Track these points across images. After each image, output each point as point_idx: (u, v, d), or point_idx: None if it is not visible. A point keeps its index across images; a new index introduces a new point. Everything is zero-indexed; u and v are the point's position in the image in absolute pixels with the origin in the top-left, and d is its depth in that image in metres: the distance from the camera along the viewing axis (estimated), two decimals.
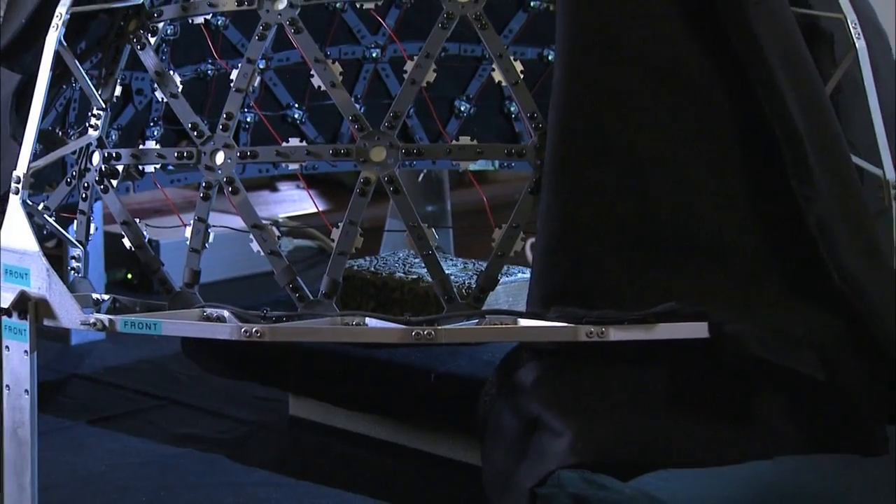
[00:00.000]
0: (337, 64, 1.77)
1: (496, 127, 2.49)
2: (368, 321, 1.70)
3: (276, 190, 3.66)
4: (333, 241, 1.74)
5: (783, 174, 1.69)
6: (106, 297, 1.81)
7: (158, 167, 1.89)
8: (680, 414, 1.66)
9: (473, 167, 1.98)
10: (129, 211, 1.82)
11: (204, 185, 1.77)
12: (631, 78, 1.70)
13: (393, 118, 1.74)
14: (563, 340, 1.66)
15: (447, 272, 1.75)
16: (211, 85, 2.31)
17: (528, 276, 1.74)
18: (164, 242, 2.61)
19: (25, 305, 1.75)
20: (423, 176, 2.55)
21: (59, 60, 1.82)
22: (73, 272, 1.88)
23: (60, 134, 1.99)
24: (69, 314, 1.74)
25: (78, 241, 1.87)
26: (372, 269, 2.16)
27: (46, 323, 1.76)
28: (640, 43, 1.71)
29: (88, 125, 1.85)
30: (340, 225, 1.73)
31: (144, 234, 1.82)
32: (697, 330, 1.64)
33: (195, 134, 1.78)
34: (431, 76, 1.75)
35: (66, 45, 1.82)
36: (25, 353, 1.75)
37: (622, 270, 1.67)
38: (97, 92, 1.85)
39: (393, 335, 1.69)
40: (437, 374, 2.06)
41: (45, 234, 1.87)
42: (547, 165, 1.69)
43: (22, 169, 1.79)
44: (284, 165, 1.86)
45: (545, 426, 1.65)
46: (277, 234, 1.76)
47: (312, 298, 1.73)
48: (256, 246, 1.75)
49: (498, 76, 1.76)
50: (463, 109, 2.46)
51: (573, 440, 1.62)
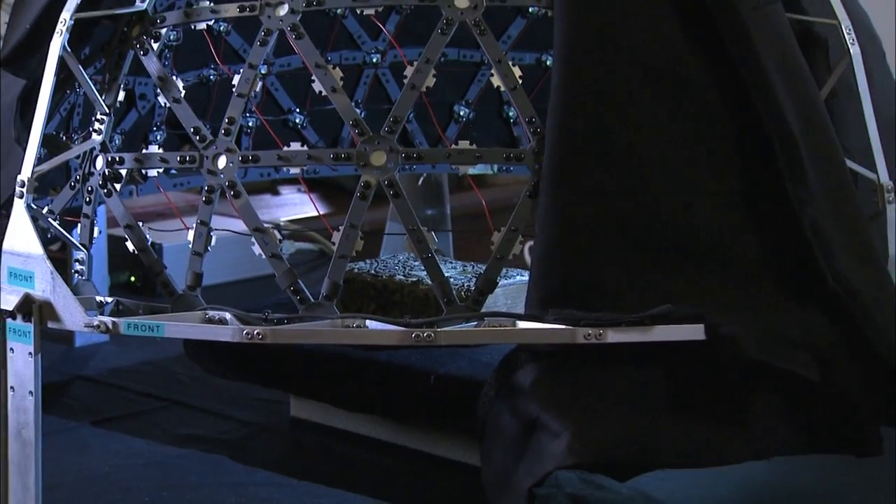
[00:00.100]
0: (338, 69, 1.76)
1: (495, 131, 2.49)
2: (369, 323, 1.70)
3: (277, 193, 3.66)
4: (334, 244, 1.74)
5: (779, 177, 1.69)
6: (109, 299, 1.81)
7: (161, 171, 1.89)
8: (677, 415, 1.66)
9: (472, 171, 1.98)
10: (132, 214, 1.82)
11: (206, 188, 1.77)
12: (628, 82, 1.70)
13: (393, 123, 1.74)
14: (561, 342, 1.66)
15: (447, 275, 1.75)
16: (213, 90, 2.31)
17: (526, 278, 1.74)
18: (166, 246, 2.61)
19: (30, 308, 1.75)
20: (422, 180, 2.55)
21: (63, 66, 1.82)
22: (76, 275, 1.88)
23: (64, 138, 1.99)
24: (73, 316, 1.74)
25: (82, 244, 1.87)
26: (372, 271, 2.16)
27: (50, 325, 1.76)
28: (637, 48, 1.71)
29: (92, 130, 1.85)
30: (341, 228, 1.73)
31: (147, 237, 1.82)
32: (694, 332, 1.64)
33: (197, 138, 1.78)
34: (431, 81, 1.75)
35: (70, 50, 1.82)
36: (30, 354, 1.75)
37: (619, 273, 1.67)
38: (101, 97, 1.85)
39: (393, 337, 1.69)
40: (436, 375, 2.06)
41: (49, 237, 1.87)
42: (545, 169, 1.69)
43: (26, 173, 1.80)
44: (286, 169, 1.87)
45: (543, 427, 1.65)
46: (279, 237, 1.76)
47: (313, 301, 1.73)
48: (258, 249, 1.75)
49: (497, 81, 1.76)
50: (462, 114, 2.46)
51: (571, 441, 1.62)
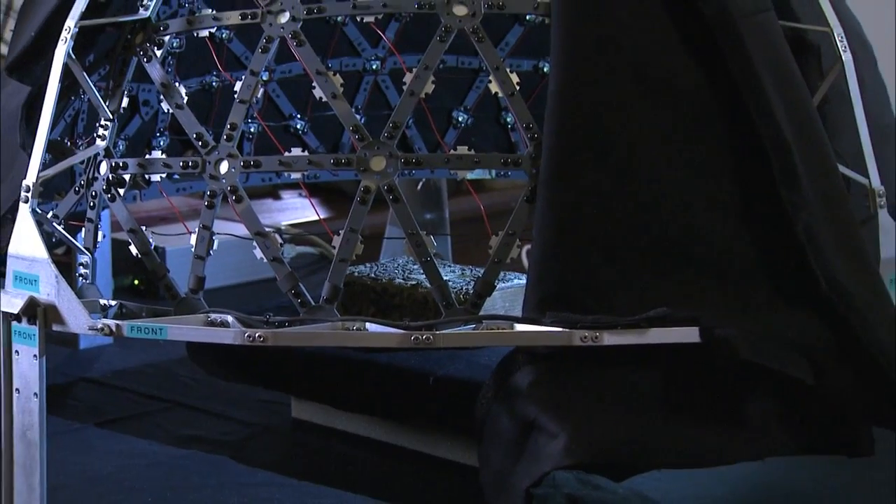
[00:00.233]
0: (338, 76, 1.77)
1: (493, 137, 2.48)
2: (369, 326, 1.70)
3: (278, 198, 3.66)
4: (334, 248, 1.74)
5: (773, 182, 1.69)
6: (113, 302, 1.81)
7: (164, 176, 1.89)
8: (673, 416, 1.66)
9: (471, 176, 1.98)
10: (135, 219, 1.82)
11: (208, 193, 1.77)
12: (624, 88, 1.70)
13: (392, 128, 1.74)
14: (558, 345, 1.66)
15: (445, 278, 1.75)
16: (215, 96, 2.31)
17: (524, 281, 1.74)
18: (169, 249, 2.60)
19: (35, 311, 1.75)
20: (421, 184, 2.55)
21: (67, 72, 1.82)
22: (81, 278, 1.88)
23: (69, 144, 1.99)
24: (77, 319, 1.74)
25: (86, 248, 1.87)
26: (372, 275, 2.16)
27: (55, 328, 1.76)
28: (633, 54, 1.71)
29: (96, 136, 1.85)
30: (341, 232, 1.73)
31: (151, 241, 1.82)
32: (689, 334, 1.64)
33: (200, 144, 1.78)
34: (430, 88, 1.75)
35: (74, 57, 1.82)
36: (35, 357, 1.75)
37: (616, 276, 1.67)
38: (105, 103, 1.85)
39: (392, 339, 1.69)
40: (435, 377, 2.06)
41: (54, 241, 1.86)
42: (542, 174, 1.69)
43: (32, 178, 1.80)
44: (287, 174, 1.86)
45: (541, 428, 1.65)
46: (280, 241, 1.76)
47: (314, 304, 1.73)
48: (260, 253, 1.75)
49: (495, 88, 1.76)
50: (461, 120, 2.46)
51: (568, 442, 1.62)
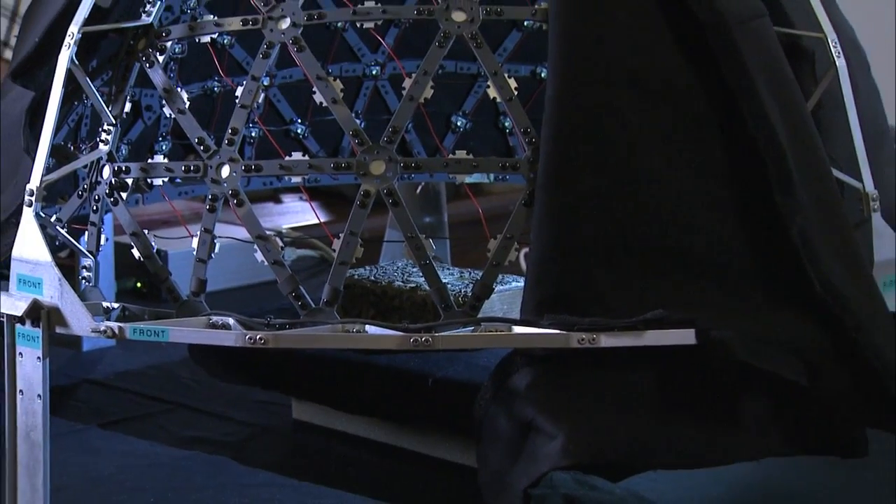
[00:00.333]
0: (338, 81, 1.77)
1: (491, 141, 2.48)
2: (368, 328, 1.70)
3: (279, 202, 3.65)
4: (335, 251, 1.74)
5: (768, 186, 1.69)
6: (116, 305, 1.81)
7: (166, 180, 1.89)
8: (669, 417, 1.66)
9: (469, 180, 1.98)
10: (138, 222, 1.82)
11: (210, 197, 1.77)
12: (621, 93, 1.71)
13: (392, 133, 1.74)
14: (555, 347, 1.66)
15: (444, 281, 1.75)
16: (217, 101, 2.31)
17: (522, 284, 1.74)
18: (171, 253, 2.60)
19: (38, 313, 1.75)
20: (420, 188, 2.55)
21: (71, 78, 1.82)
22: (84, 281, 1.88)
23: (72, 148, 1.99)
24: (80, 322, 1.74)
25: (89, 251, 1.87)
26: (372, 277, 2.16)
27: (58, 330, 1.76)
28: (630, 59, 1.71)
29: (99, 140, 1.85)
30: (341, 235, 1.73)
31: (153, 244, 1.82)
32: (685, 336, 1.64)
33: (202, 148, 1.78)
34: (429, 93, 1.75)
35: (77, 63, 1.82)
36: (38, 359, 1.75)
37: (613, 279, 1.68)
38: (108, 108, 1.85)
39: (392, 342, 1.69)
40: (434, 378, 2.06)
41: (57, 244, 1.87)
42: (540, 178, 1.69)
43: (35, 182, 1.79)
44: (288, 178, 1.86)
45: (538, 429, 1.65)
46: (281, 244, 1.76)
47: (314, 306, 1.73)
48: (261, 256, 1.75)
49: (493, 93, 1.76)
50: (459, 125, 2.46)
51: (566, 442, 1.62)
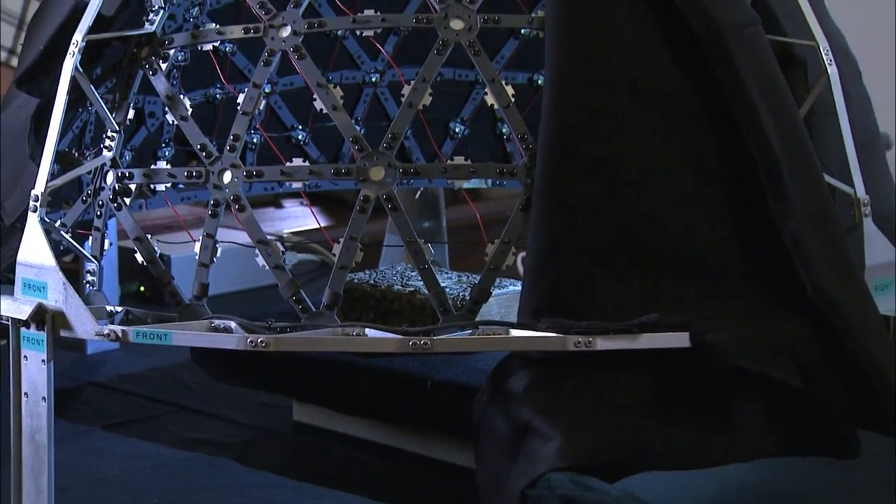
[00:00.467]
0: (338, 88, 1.77)
1: (489, 147, 2.49)
2: (368, 331, 1.70)
3: (280, 207, 3.66)
4: (335, 255, 1.74)
5: (760, 191, 1.70)
6: (119, 309, 1.81)
7: (169, 186, 1.90)
8: (664, 419, 1.66)
9: (467, 185, 1.98)
10: (141, 227, 1.83)
11: (212, 202, 1.77)
12: (616, 100, 1.71)
13: (391, 139, 1.74)
14: (552, 350, 1.66)
15: (442, 285, 1.75)
16: (219, 108, 2.32)
17: (519, 288, 1.74)
18: (174, 257, 2.60)
19: (43, 317, 1.75)
20: (419, 194, 2.55)
21: (75, 85, 1.83)
22: (88, 285, 1.88)
23: (77, 155, 2.00)
24: (84, 325, 1.74)
25: (93, 256, 1.87)
26: (371, 281, 2.16)
27: (63, 334, 1.76)
28: (625, 66, 1.72)
29: (103, 146, 1.86)
30: (341, 240, 1.74)
31: (156, 249, 1.82)
32: (679, 339, 1.65)
33: (204, 154, 1.78)
34: (427, 99, 1.76)
35: (81, 70, 1.83)
36: (43, 362, 1.75)
37: (609, 282, 1.68)
38: (111, 115, 1.86)
39: (391, 345, 1.69)
40: (433, 381, 2.06)
41: (61, 249, 1.87)
42: (536, 183, 1.70)
43: (40, 188, 1.80)
44: (288, 184, 1.87)
45: (536, 431, 1.65)
46: (282, 248, 1.76)
47: (315, 310, 1.74)
48: (262, 260, 1.76)
49: (490, 99, 1.76)
50: (457, 131, 2.47)
51: (562, 444, 1.62)
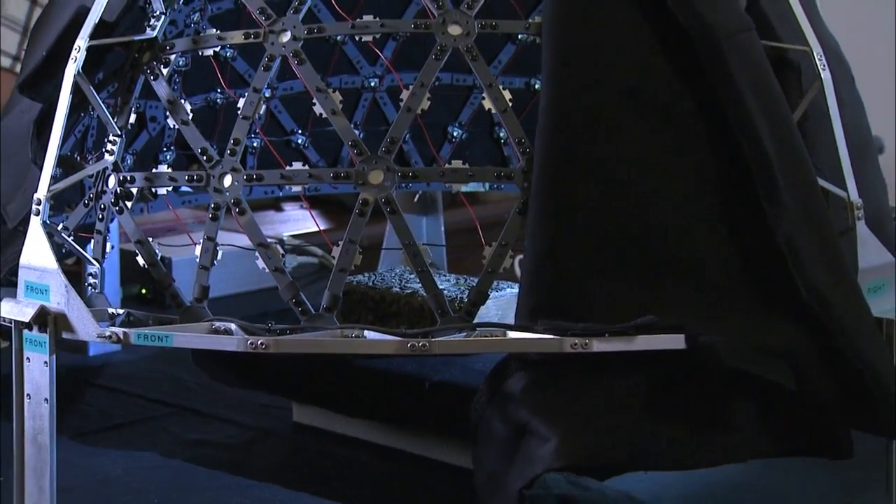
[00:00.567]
0: (337, 93, 1.77)
1: (486, 151, 2.49)
2: (367, 333, 1.70)
3: (280, 210, 3.66)
4: (334, 258, 1.74)
5: (755, 194, 1.70)
6: (121, 311, 1.81)
7: (170, 189, 1.90)
8: (659, 420, 1.67)
9: (465, 189, 1.99)
10: (142, 230, 1.83)
11: (213, 206, 1.77)
12: (612, 104, 1.71)
13: (390, 143, 1.74)
14: (549, 351, 1.66)
15: (441, 287, 1.75)
16: (220, 113, 2.32)
17: (516, 291, 1.74)
18: (175, 260, 2.61)
19: (45, 319, 1.75)
20: (418, 197, 2.55)
21: (77, 90, 1.83)
22: (90, 288, 1.88)
23: (79, 159, 2.00)
24: (86, 327, 1.75)
25: (95, 258, 1.87)
26: (370, 284, 2.16)
27: (65, 336, 1.76)
28: (621, 71, 1.72)
29: (105, 150, 1.86)
30: (341, 243, 1.74)
31: (157, 252, 1.82)
32: (675, 341, 1.65)
33: (205, 158, 1.78)
34: (426, 104, 1.76)
35: (84, 75, 1.83)
36: (45, 363, 1.76)
37: (605, 285, 1.68)
38: (113, 119, 1.86)
39: (390, 346, 1.69)
40: (431, 382, 2.06)
41: (64, 252, 1.87)
42: (534, 187, 1.70)
43: (43, 192, 1.80)
44: (288, 187, 1.87)
45: (533, 432, 1.65)
46: (282, 251, 1.76)
47: (314, 312, 1.74)
48: (262, 263, 1.76)
49: (488, 104, 1.76)
50: (455, 135, 2.47)
51: (559, 445, 1.62)
